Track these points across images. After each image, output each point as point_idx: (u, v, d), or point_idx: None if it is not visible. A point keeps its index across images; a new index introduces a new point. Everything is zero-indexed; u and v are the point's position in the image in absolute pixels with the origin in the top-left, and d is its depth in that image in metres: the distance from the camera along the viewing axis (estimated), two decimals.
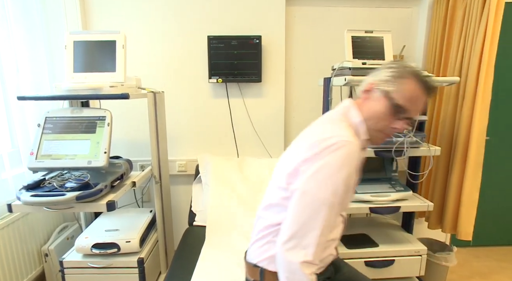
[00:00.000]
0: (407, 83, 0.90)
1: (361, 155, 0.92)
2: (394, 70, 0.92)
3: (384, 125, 0.92)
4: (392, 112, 0.90)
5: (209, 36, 1.97)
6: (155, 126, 1.77)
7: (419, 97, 0.90)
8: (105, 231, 1.67)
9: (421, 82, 0.90)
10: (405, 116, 0.91)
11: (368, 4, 2.13)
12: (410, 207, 1.67)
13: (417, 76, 0.91)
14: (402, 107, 0.89)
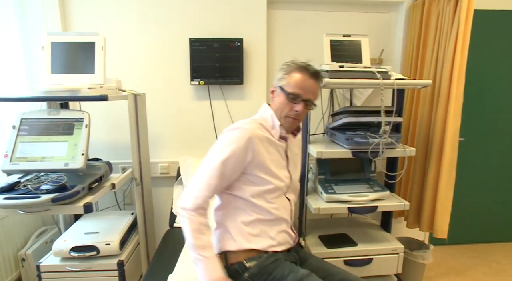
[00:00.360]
0: (293, 76, 1.16)
1: (263, 137, 1.15)
2: (284, 69, 1.20)
3: (287, 111, 1.16)
4: (290, 100, 1.15)
5: (190, 38, 1.98)
6: (135, 128, 1.76)
7: (305, 82, 1.15)
8: (84, 234, 1.66)
9: (304, 71, 1.16)
10: (301, 99, 1.15)
11: (348, 8, 2.18)
12: (387, 207, 1.71)
13: (300, 68, 1.18)
14: (294, 93, 1.14)
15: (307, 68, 1.18)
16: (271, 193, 1.15)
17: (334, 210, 1.68)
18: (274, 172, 1.15)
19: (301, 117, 1.19)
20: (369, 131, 1.67)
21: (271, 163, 1.14)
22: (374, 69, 1.61)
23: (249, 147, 1.10)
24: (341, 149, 1.66)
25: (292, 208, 1.25)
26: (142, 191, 1.85)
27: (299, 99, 1.15)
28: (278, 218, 1.18)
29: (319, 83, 1.21)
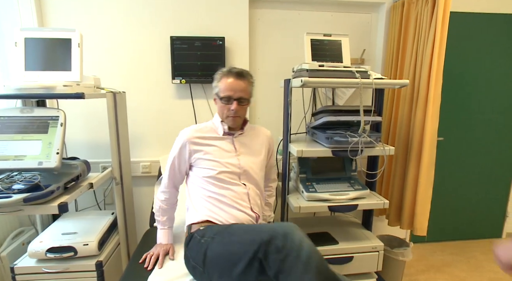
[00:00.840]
0: (222, 82, 1.38)
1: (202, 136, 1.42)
2: (216, 79, 1.43)
3: (226, 112, 1.39)
4: (224, 102, 1.38)
5: (172, 36, 1.96)
6: (115, 127, 1.73)
7: (232, 84, 1.36)
8: (61, 235, 1.62)
9: (229, 75, 1.38)
10: (233, 99, 1.36)
11: (330, 8, 2.20)
12: (367, 205, 1.74)
13: (225, 73, 1.39)
14: (225, 96, 1.36)
15: (231, 71, 1.38)
16: (222, 176, 1.37)
17: (315, 208, 1.69)
18: (216, 160, 1.39)
19: (239, 113, 1.39)
20: (349, 130, 1.69)
21: (213, 153, 1.40)
22: (353, 68, 1.62)
23: (184, 149, 1.40)
24: (321, 148, 1.67)
25: (249, 191, 1.41)
26: (122, 191, 1.83)
27: (231, 100, 1.36)
28: (232, 200, 1.36)
29: (247, 81, 1.40)
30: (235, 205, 1.36)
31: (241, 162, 1.42)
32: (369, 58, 2.29)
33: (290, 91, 1.71)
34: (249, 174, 1.43)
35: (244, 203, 1.38)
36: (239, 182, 1.41)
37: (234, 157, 1.42)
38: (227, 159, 1.40)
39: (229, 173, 1.39)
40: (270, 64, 2.21)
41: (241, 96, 1.36)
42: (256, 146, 1.50)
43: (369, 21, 2.27)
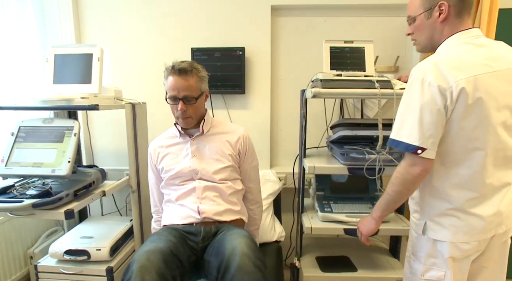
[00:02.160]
0: (168, 80, 1.35)
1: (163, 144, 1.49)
2: (164, 77, 1.38)
3: (175, 112, 1.37)
4: (171, 102, 1.36)
5: (192, 48, 1.99)
6: (133, 136, 1.79)
7: (175, 82, 1.32)
8: (79, 238, 1.71)
9: (171, 73, 1.33)
10: (179, 99, 1.32)
11: (358, 13, 2.05)
12: (389, 231, 1.55)
13: (168, 71, 1.35)
14: (171, 96, 1.33)
15: (174, 68, 1.32)
16: (174, 181, 1.41)
17: (328, 230, 1.56)
18: (172, 163, 1.42)
19: (189, 113, 1.34)
20: (370, 146, 1.53)
21: (170, 158, 1.44)
22: (374, 77, 1.47)
23: (151, 162, 1.51)
24: (337, 165, 1.53)
25: (197, 186, 1.38)
26: (139, 198, 1.88)
27: (177, 99, 1.31)
28: (178, 198, 1.39)
29: (194, 76, 1.33)
30: (180, 202, 1.39)
31: (192, 165, 1.39)
32: (404, 66, 2.07)
33: (305, 103, 1.61)
34: (204, 174, 1.39)
35: (191, 198, 1.38)
36: (193, 181, 1.40)
37: (187, 161, 1.40)
38: (180, 164, 1.40)
39: (179, 177, 1.41)
40: (294, 73, 2.12)
41: (186, 95, 1.30)
42: (218, 146, 1.41)
43: (404, 24, 2.05)
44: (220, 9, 2.01)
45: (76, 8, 2.06)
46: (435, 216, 1.06)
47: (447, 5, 0.99)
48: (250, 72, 2.06)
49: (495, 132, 0.97)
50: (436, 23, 1.03)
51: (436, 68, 0.94)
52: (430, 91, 0.93)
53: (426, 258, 1.09)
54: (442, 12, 1.00)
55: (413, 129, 0.95)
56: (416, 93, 0.96)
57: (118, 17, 2.06)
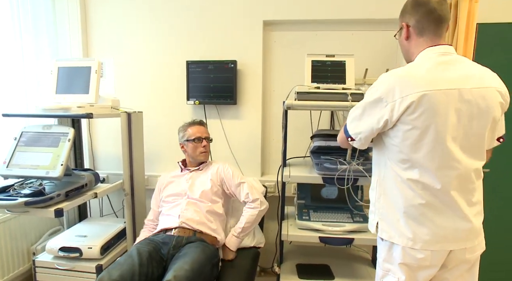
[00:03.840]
0: (187, 130, 1.81)
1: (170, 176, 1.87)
2: (180, 131, 1.86)
3: (199, 149, 1.78)
4: (196, 142, 1.77)
5: (187, 61, 2.11)
6: (127, 143, 1.92)
7: (192, 131, 1.79)
8: (75, 236, 1.84)
9: (191, 124, 1.83)
10: (203, 139, 1.79)
11: (350, 27, 2.10)
12: (364, 240, 1.56)
13: (186, 124, 1.84)
14: (197, 137, 1.77)
15: (194, 121, 1.86)
16: (172, 196, 1.74)
17: (303, 238, 1.59)
18: (172, 187, 1.79)
19: (207, 149, 1.82)
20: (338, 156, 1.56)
21: (172, 184, 1.81)
22: (349, 90, 1.52)
23: (159, 188, 1.86)
24: (311, 174, 1.58)
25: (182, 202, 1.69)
26: (133, 202, 1.99)
27: (201, 139, 1.80)
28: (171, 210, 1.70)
29: (206, 127, 1.87)
30: (168, 212, 1.69)
31: (185, 187, 1.74)
32: None
33: (286, 113, 1.67)
34: (189, 195, 1.71)
35: (177, 210, 1.66)
36: (182, 198, 1.71)
37: (183, 185, 1.76)
38: (178, 187, 1.76)
39: (174, 196, 1.74)
40: (286, 86, 2.17)
41: (207, 136, 1.81)
42: (205, 178, 1.76)
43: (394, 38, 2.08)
44: (215, 24, 2.13)
45: (84, 25, 2.24)
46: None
47: (406, 26, 1.10)
48: (242, 84, 2.15)
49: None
50: (403, 41, 1.14)
51: (391, 82, 1.02)
52: (374, 100, 1.04)
53: (383, 263, 1.12)
54: (405, 32, 1.11)
55: (353, 123, 1.14)
56: (364, 98, 1.10)
57: (122, 33, 2.22)
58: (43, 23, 2.15)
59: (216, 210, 1.69)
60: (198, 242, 1.52)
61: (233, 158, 2.21)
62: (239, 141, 2.21)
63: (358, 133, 1.10)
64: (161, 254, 1.49)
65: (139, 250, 1.43)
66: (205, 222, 1.62)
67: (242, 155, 2.21)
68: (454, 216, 1.03)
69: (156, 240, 1.54)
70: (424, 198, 1.02)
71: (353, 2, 2.02)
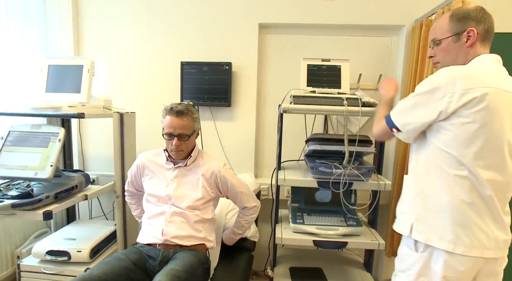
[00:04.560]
0: (164, 118, 1.52)
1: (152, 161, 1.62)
2: (162, 112, 1.54)
3: (169, 146, 1.52)
4: (166, 138, 1.51)
5: (182, 62, 2.09)
6: (119, 143, 1.88)
7: (170, 121, 1.49)
8: (63, 239, 1.79)
9: (169, 113, 1.50)
10: (174, 136, 1.48)
11: (344, 32, 2.12)
12: (358, 244, 1.57)
13: (166, 110, 1.52)
14: (167, 133, 1.50)
15: (172, 110, 1.50)
16: (154, 197, 1.53)
17: (298, 241, 1.59)
18: (152, 184, 1.57)
19: (181, 148, 1.50)
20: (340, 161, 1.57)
21: (153, 179, 1.58)
22: (344, 95, 1.53)
23: (138, 168, 1.62)
24: (306, 178, 1.58)
25: (167, 210, 1.49)
26: (124, 204, 1.95)
27: (172, 136, 1.48)
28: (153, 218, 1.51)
29: (188, 117, 1.50)
30: (150, 221, 1.51)
31: (168, 191, 1.52)
32: None
33: (281, 117, 1.67)
34: (175, 202, 1.50)
35: (160, 220, 1.49)
36: (166, 204, 1.51)
37: (165, 186, 1.54)
38: (159, 187, 1.54)
39: (156, 197, 1.53)
40: (281, 89, 2.19)
41: (181, 132, 1.48)
42: (194, 179, 1.54)
43: (388, 44, 2.12)
44: (210, 26, 2.12)
45: (76, 21, 2.19)
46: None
47: (476, 32, 1.06)
48: (236, 86, 2.15)
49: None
50: (463, 47, 1.09)
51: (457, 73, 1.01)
52: (433, 89, 1.02)
53: (416, 277, 1.05)
54: (469, 38, 1.07)
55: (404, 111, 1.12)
56: (421, 85, 1.07)
57: (115, 32, 2.18)
58: (33, 19, 2.09)
59: (205, 217, 1.51)
60: (186, 249, 1.44)
61: (226, 160, 2.19)
62: (232, 143, 2.20)
63: (407, 123, 1.08)
64: (147, 267, 1.41)
65: (125, 254, 1.38)
66: (193, 234, 1.46)
67: (235, 157, 2.20)
68: (495, 222, 1.01)
69: (141, 251, 1.44)
70: (471, 197, 0.99)
71: (348, 8, 2.04)
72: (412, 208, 1.08)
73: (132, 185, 1.69)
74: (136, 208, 1.75)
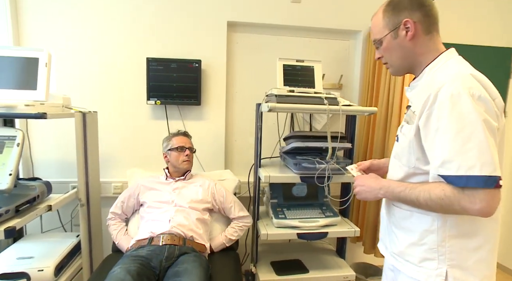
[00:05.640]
0: (171, 140, 1.80)
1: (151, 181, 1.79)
2: (164, 141, 1.84)
3: (181, 158, 1.76)
4: (179, 151, 1.76)
5: (148, 58, 1.97)
6: (83, 147, 1.71)
7: (180, 138, 1.80)
8: (16, 259, 1.55)
9: (175, 134, 1.83)
10: (186, 148, 1.78)
11: (307, 34, 2.23)
12: (337, 233, 1.69)
13: (172, 134, 1.84)
14: (180, 146, 1.76)
15: (179, 132, 1.86)
16: (158, 202, 1.66)
17: (283, 236, 1.65)
18: (154, 197, 1.69)
19: (190, 158, 1.81)
20: (320, 157, 1.67)
21: (155, 192, 1.72)
22: (323, 94, 1.63)
23: (138, 186, 1.75)
24: (290, 174, 1.64)
25: (172, 212, 1.61)
26: (88, 212, 1.77)
27: (184, 148, 1.79)
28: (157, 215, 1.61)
29: (190, 138, 1.87)
30: (154, 217, 1.60)
31: (172, 196, 1.68)
32: (347, 84, 2.31)
33: (261, 116, 1.70)
34: (177, 203, 1.65)
35: (165, 216, 1.59)
36: (169, 205, 1.65)
37: (169, 193, 1.70)
38: (162, 193, 1.70)
39: (158, 202, 1.66)
40: (248, 87, 2.22)
41: (190, 146, 1.81)
42: (193, 189, 1.74)
43: (347, 47, 2.30)
44: (177, 21, 2.04)
45: (15, 10, 1.90)
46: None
47: (412, 22, 0.91)
48: (205, 84, 2.10)
49: None
50: (405, 42, 0.94)
51: (476, 80, 0.82)
52: (485, 106, 0.79)
53: None
54: (408, 30, 0.92)
55: (484, 156, 0.76)
56: (468, 110, 0.77)
57: (68, 21, 1.94)
58: None
59: (204, 218, 1.68)
60: (192, 254, 1.46)
61: (196, 160, 2.14)
62: (202, 143, 2.15)
63: (498, 163, 0.78)
64: (152, 268, 1.39)
65: (127, 270, 1.28)
66: (194, 229, 1.59)
67: (205, 157, 2.16)
68: None
69: (141, 255, 1.41)
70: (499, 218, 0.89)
71: (312, 11, 2.15)
72: (442, 253, 0.90)
73: (121, 207, 1.74)
74: (115, 229, 1.73)
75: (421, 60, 0.96)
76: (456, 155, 0.78)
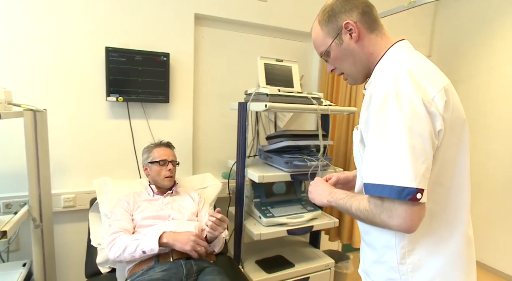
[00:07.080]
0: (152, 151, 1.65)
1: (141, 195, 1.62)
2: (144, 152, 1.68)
3: (163, 172, 1.60)
4: (161, 165, 1.61)
5: (107, 47, 1.70)
6: (35, 154, 1.38)
7: (162, 150, 1.65)
8: None
9: (157, 145, 1.68)
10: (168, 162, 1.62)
11: (268, 33, 2.25)
12: (320, 225, 1.79)
13: (153, 144, 1.69)
14: (162, 160, 1.61)
15: (161, 142, 1.71)
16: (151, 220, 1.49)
17: (275, 234, 1.66)
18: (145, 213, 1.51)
19: (173, 173, 1.65)
20: (300, 154, 1.73)
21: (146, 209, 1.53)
22: (308, 94, 1.69)
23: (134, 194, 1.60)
24: (280, 173, 1.66)
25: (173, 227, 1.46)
26: (42, 235, 1.45)
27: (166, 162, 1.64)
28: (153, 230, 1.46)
29: (173, 150, 1.72)
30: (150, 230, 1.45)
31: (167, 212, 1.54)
32: (306, 83, 2.44)
33: (247, 115, 1.66)
34: (174, 217, 1.53)
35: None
36: (165, 221, 1.51)
37: (164, 209, 1.55)
38: (156, 211, 1.53)
39: (151, 217, 1.50)
40: (214, 85, 2.14)
41: (173, 159, 1.66)
42: (185, 202, 1.64)
43: (305, 48, 2.42)
44: (142, 8, 1.81)
45: None
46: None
47: (353, 23, 0.86)
48: (173, 80, 1.94)
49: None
50: (351, 45, 0.88)
51: (410, 78, 0.75)
52: (415, 108, 0.71)
53: None
54: (351, 31, 0.87)
55: (401, 164, 0.69)
56: (393, 114, 0.72)
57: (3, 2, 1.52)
58: None
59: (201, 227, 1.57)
60: (211, 268, 1.38)
61: None
62: None
63: (423, 173, 0.72)
64: None
65: None
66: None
67: None
68: None
69: (157, 277, 1.23)
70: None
71: (276, 11, 2.17)
72: (407, 267, 0.83)
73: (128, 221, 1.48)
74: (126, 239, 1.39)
75: (373, 61, 0.89)
76: (376, 162, 0.73)
